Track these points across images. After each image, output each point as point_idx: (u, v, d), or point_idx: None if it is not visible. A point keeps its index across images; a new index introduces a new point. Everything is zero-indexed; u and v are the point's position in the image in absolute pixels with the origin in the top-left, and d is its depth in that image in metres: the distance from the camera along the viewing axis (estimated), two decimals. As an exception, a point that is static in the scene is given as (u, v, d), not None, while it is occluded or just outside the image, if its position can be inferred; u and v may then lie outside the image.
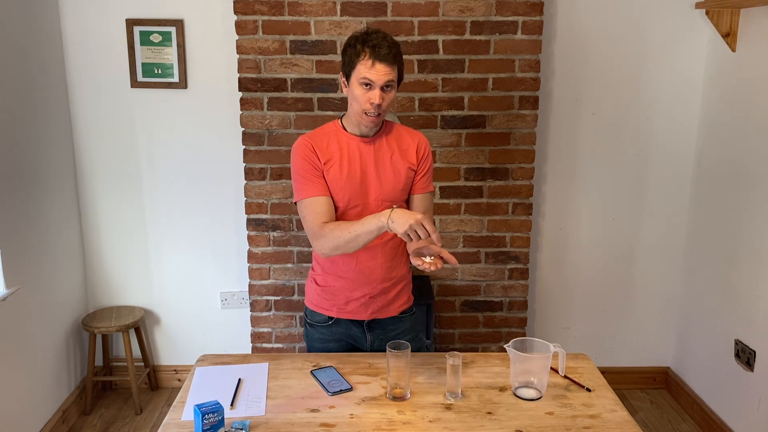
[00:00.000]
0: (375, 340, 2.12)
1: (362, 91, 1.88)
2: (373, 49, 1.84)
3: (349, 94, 1.94)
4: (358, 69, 1.86)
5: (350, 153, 1.98)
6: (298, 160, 1.96)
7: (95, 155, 3.25)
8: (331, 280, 2.06)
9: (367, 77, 1.85)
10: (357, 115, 1.92)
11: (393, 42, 1.88)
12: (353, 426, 1.70)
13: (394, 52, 1.87)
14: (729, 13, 2.89)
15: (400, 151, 2.03)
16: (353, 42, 1.88)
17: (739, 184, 2.89)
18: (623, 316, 3.47)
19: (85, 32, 3.11)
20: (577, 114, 3.23)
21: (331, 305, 2.09)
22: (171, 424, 1.71)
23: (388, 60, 1.85)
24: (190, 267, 3.37)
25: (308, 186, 1.94)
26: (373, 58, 1.84)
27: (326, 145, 1.97)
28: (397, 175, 2.02)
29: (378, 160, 2.00)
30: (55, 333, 3.07)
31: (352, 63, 1.88)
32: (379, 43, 1.85)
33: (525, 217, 3.14)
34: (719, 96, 3.07)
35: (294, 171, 1.98)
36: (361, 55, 1.85)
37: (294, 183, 1.99)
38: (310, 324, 2.15)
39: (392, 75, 1.87)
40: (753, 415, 2.78)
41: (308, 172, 1.95)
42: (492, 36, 2.95)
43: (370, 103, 1.87)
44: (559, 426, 1.71)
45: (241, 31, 2.93)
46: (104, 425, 3.18)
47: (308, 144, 1.96)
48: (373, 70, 1.85)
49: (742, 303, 2.86)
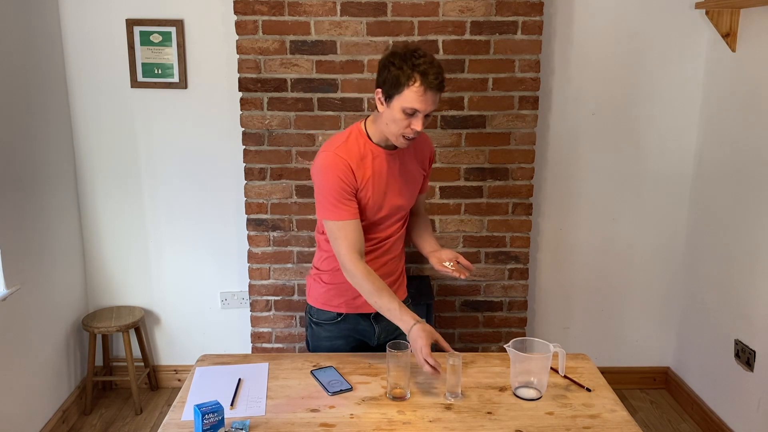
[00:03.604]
0: (382, 332, 2.14)
1: (404, 116, 1.81)
2: (423, 77, 1.76)
3: (386, 114, 1.85)
4: (405, 95, 1.78)
5: (380, 170, 1.95)
6: (334, 180, 1.87)
7: (95, 155, 3.25)
8: (340, 277, 2.06)
9: (415, 107, 1.79)
10: (392, 136, 1.87)
11: (439, 66, 1.81)
12: (353, 426, 1.70)
13: (442, 78, 1.80)
14: (729, 13, 2.89)
15: (418, 160, 2.07)
16: (398, 62, 1.79)
17: (738, 184, 2.90)
18: (623, 316, 3.47)
19: (85, 32, 3.11)
20: (577, 114, 3.23)
21: (340, 302, 2.09)
22: (171, 424, 1.71)
23: (437, 88, 1.79)
24: (190, 267, 3.38)
25: (342, 209, 1.89)
26: (424, 86, 1.76)
27: (360, 164, 1.91)
28: (416, 183, 2.08)
29: (402, 172, 2.01)
30: (55, 333, 3.07)
31: (398, 86, 1.78)
32: (428, 70, 1.77)
33: (525, 217, 3.14)
34: (719, 96, 3.07)
35: (326, 189, 1.89)
36: (411, 81, 1.77)
37: (323, 200, 1.90)
38: (315, 323, 2.14)
39: (437, 102, 1.82)
40: (753, 415, 2.78)
41: (343, 195, 1.88)
42: (492, 36, 2.95)
43: (412, 128, 1.83)
44: (559, 426, 1.71)
45: (241, 31, 2.93)
46: (104, 425, 3.18)
47: (346, 164, 1.88)
48: (423, 99, 1.77)
49: (741, 303, 2.86)
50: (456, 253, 2.05)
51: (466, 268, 2.03)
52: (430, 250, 2.12)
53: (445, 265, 2.01)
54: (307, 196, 3.08)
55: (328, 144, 1.95)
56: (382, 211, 1.99)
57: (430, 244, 2.16)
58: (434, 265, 2.06)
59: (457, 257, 2.03)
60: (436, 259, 2.06)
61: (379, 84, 1.86)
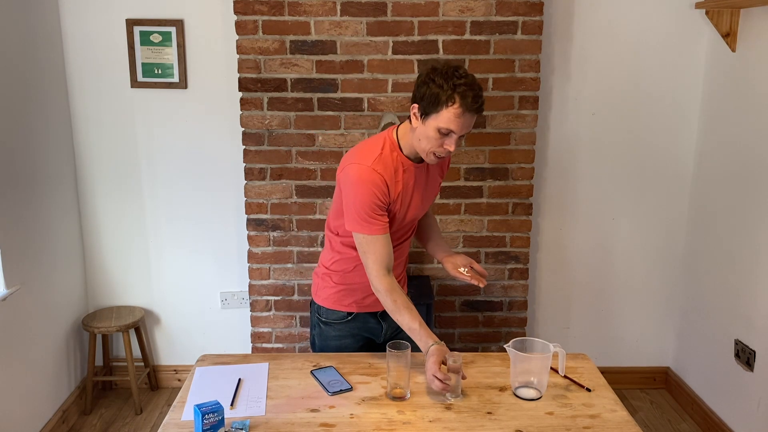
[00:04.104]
0: (389, 329, 2.16)
1: (438, 135, 1.79)
2: (462, 98, 1.74)
3: (420, 130, 1.83)
4: (443, 115, 1.76)
5: (408, 183, 1.95)
6: (369, 195, 1.85)
7: (95, 155, 3.25)
8: (350, 278, 2.07)
9: (451, 128, 1.77)
10: (423, 152, 1.86)
11: (479, 88, 1.78)
12: (353, 426, 1.70)
13: (481, 101, 1.77)
14: (729, 13, 2.89)
15: (440, 170, 2.09)
16: (439, 80, 1.76)
17: (738, 184, 2.89)
18: (623, 316, 3.47)
19: (85, 32, 3.11)
20: (577, 114, 3.23)
21: (350, 302, 2.10)
22: (171, 424, 1.71)
23: (476, 110, 1.77)
24: (190, 267, 3.38)
25: (374, 224, 1.88)
26: (462, 108, 1.74)
27: (394, 179, 1.89)
28: (435, 194, 2.11)
29: (426, 185, 2.02)
30: (55, 333, 3.07)
31: (437, 104, 1.76)
32: (467, 92, 1.74)
33: (525, 217, 3.14)
34: (719, 96, 3.07)
35: (359, 202, 1.86)
36: (450, 102, 1.74)
37: (355, 213, 1.88)
38: (324, 322, 2.15)
39: (472, 125, 1.81)
40: (753, 415, 2.78)
41: (376, 210, 1.87)
42: (492, 36, 2.95)
43: (444, 148, 1.82)
44: (559, 426, 1.71)
45: (241, 31, 2.93)
46: (104, 425, 3.18)
47: (383, 180, 1.86)
48: (460, 121, 1.76)
49: (741, 303, 2.86)
50: (470, 258, 2.07)
51: (480, 274, 2.04)
52: (443, 255, 2.14)
53: (461, 272, 2.01)
54: (307, 196, 3.08)
55: (361, 155, 1.90)
56: (404, 221, 2.01)
57: (442, 248, 2.18)
58: (449, 270, 2.07)
59: (472, 263, 2.04)
60: (451, 265, 2.08)
61: (417, 99, 1.82)
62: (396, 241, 2.02)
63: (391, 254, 1.93)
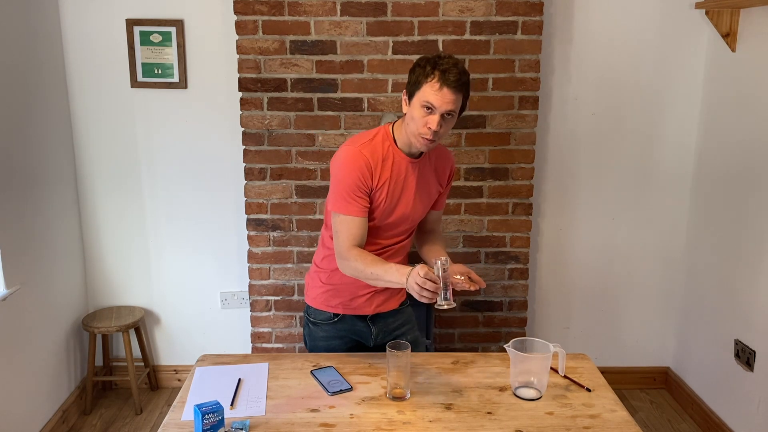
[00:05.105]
0: (379, 333, 2.14)
1: (422, 113, 1.83)
2: (442, 73, 1.80)
3: (407, 113, 1.89)
4: (424, 90, 1.82)
5: (398, 176, 1.95)
6: (350, 175, 1.89)
7: (95, 155, 3.25)
8: (338, 278, 2.06)
9: (430, 101, 1.81)
10: (412, 135, 1.88)
11: (463, 70, 1.83)
12: (353, 426, 1.70)
13: (463, 80, 1.82)
14: (729, 13, 2.89)
15: (437, 174, 2.08)
16: (423, 63, 1.84)
17: (739, 184, 2.89)
18: (623, 316, 3.47)
19: (85, 32, 3.11)
20: (577, 114, 3.23)
21: (337, 302, 2.10)
22: (171, 424, 1.71)
23: (454, 87, 1.80)
24: (190, 267, 3.38)
25: (351, 204, 1.90)
26: (441, 82, 1.79)
27: (381, 166, 1.92)
28: (429, 197, 2.08)
29: (418, 183, 2.01)
30: (55, 333, 3.07)
31: (419, 83, 1.83)
32: (449, 69, 1.80)
33: (525, 217, 3.14)
34: (719, 96, 3.07)
35: (342, 182, 1.90)
36: (429, 77, 1.81)
37: (337, 192, 1.92)
38: (313, 322, 2.15)
39: (456, 104, 1.83)
40: (753, 415, 2.78)
41: (356, 191, 1.90)
42: (492, 36, 2.95)
43: (428, 127, 1.84)
44: (559, 426, 1.71)
45: (241, 31, 2.93)
46: (104, 425, 3.18)
47: (366, 162, 1.90)
48: (439, 95, 1.80)
49: (742, 303, 2.86)
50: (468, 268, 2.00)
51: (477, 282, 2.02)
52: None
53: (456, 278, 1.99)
54: (307, 196, 3.08)
55: (353, 140, 1.97)
56: (391, 216, 1.99)
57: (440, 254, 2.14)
58: None
59: (469, 273, 2.00)
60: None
61: (406, 87, 1.90)
62: (388, 240, 2.02)
63: (365, 238, 1.93)
